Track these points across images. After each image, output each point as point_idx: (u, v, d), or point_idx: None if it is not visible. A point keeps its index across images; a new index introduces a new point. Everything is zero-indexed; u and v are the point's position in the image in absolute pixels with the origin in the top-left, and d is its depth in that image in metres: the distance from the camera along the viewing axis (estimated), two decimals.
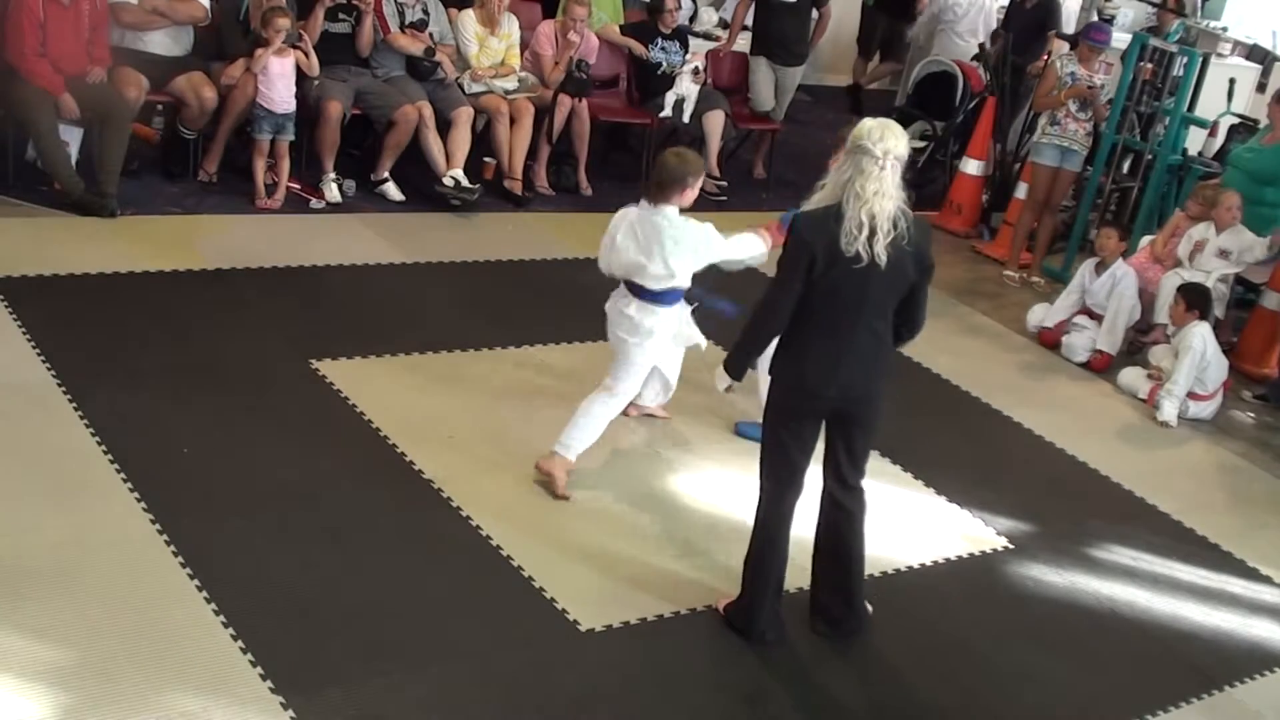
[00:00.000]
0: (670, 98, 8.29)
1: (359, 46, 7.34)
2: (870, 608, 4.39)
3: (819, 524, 4.24)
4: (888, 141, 3.75)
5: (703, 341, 5.13)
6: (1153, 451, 6.32)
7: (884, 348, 4.00)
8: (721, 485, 5.11)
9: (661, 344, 4.93)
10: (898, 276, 3.83)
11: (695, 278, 4.87)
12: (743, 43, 9.32)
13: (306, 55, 6.96)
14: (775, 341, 4.08)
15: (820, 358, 3.92)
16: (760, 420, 5.11)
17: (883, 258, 3.75)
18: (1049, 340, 7.19)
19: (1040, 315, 7.30)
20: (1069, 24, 10.27)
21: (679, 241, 4.69)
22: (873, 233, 3.74)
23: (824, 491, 4.20)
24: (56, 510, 4.17)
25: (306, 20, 7.09)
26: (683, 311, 4.97)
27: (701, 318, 5.13)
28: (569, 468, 4.83)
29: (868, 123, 3.85)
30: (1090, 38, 8.21)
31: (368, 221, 7.09)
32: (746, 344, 4.09)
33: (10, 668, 3.46)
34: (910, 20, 11.30)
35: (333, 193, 7.17)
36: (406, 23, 7.47)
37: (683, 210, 4.74)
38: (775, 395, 4.08)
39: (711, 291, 5.21)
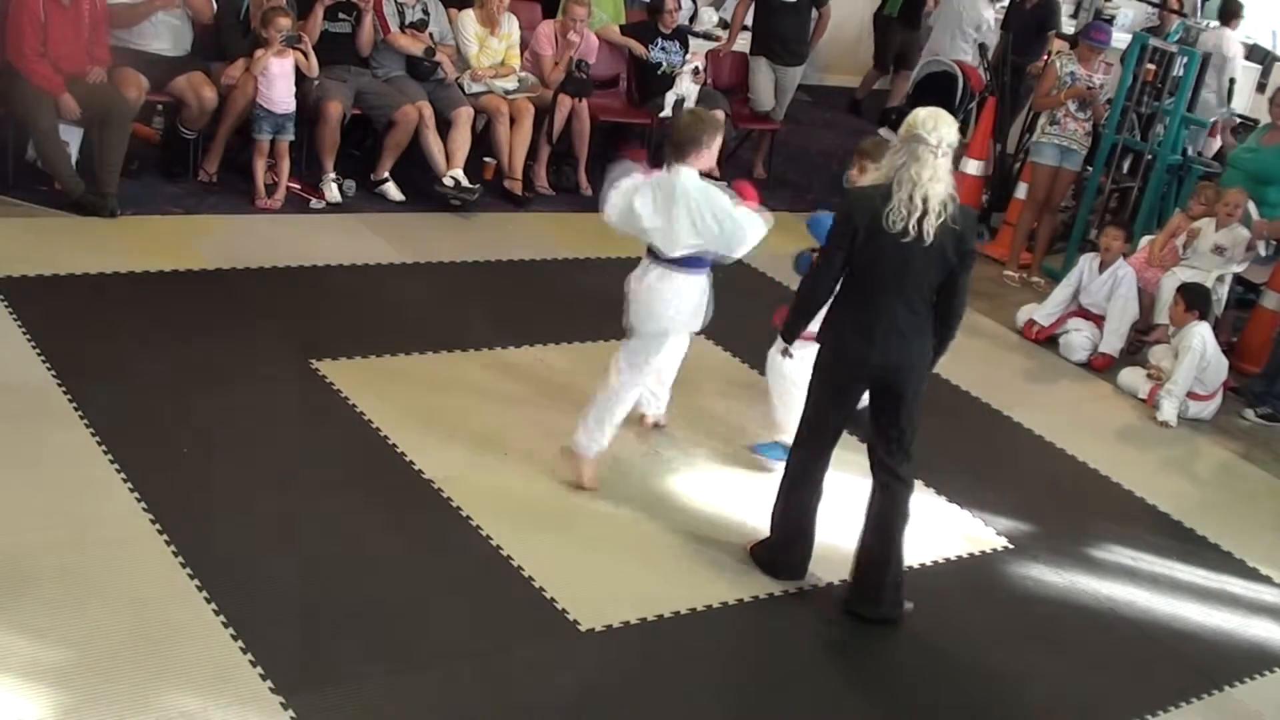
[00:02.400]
0: (670, 98, 8.28)
1: (359, 46, 7.35)
2: (910, 605, 4.44)
3: (867, 515, 4.39)
4: (941, 130, 4.03)
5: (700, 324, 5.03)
6: (1153, 451, 6.32)
7: (922, 324, 4.21)
8: (721, 486, 5.11)
9: (684, 318, 4.85)
10: (938, 256, 4.07)
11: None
12: (743, 43, 9.32)
13: (306, 56, 6.96)
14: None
15: (858, 326, 4.19)
16: (774, 440, 5.18)
17: (929, 237, 4.00)
18: (1038, 336, 7.19)
19: (1028, 312, 7.33)
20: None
21: (697, 204, 4.63)
22: (924, 213, 3.99)
23: (873, 483, 4.38)
24: (56, 510, 4.17)
25: (306, 20, 7.09)
26: (705, 287, 4.87)
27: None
28: (592, 461, 4.88)
29: (920, 113, 4.09)
30: (1090, 37, 8.21)
31: (368, 221, 7.09)
32: (798, 310, 4.36)
33: (10, 668, 3.46)
34: (918, 28, 11.23)
35: (333, 193, 7.17)
36: (406, 23, 7.47)
37: (705, 175, 4.71)
38: (820, 361, 4.33)
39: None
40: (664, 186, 4.67)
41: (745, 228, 4.70)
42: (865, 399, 4.39)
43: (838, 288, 4.25)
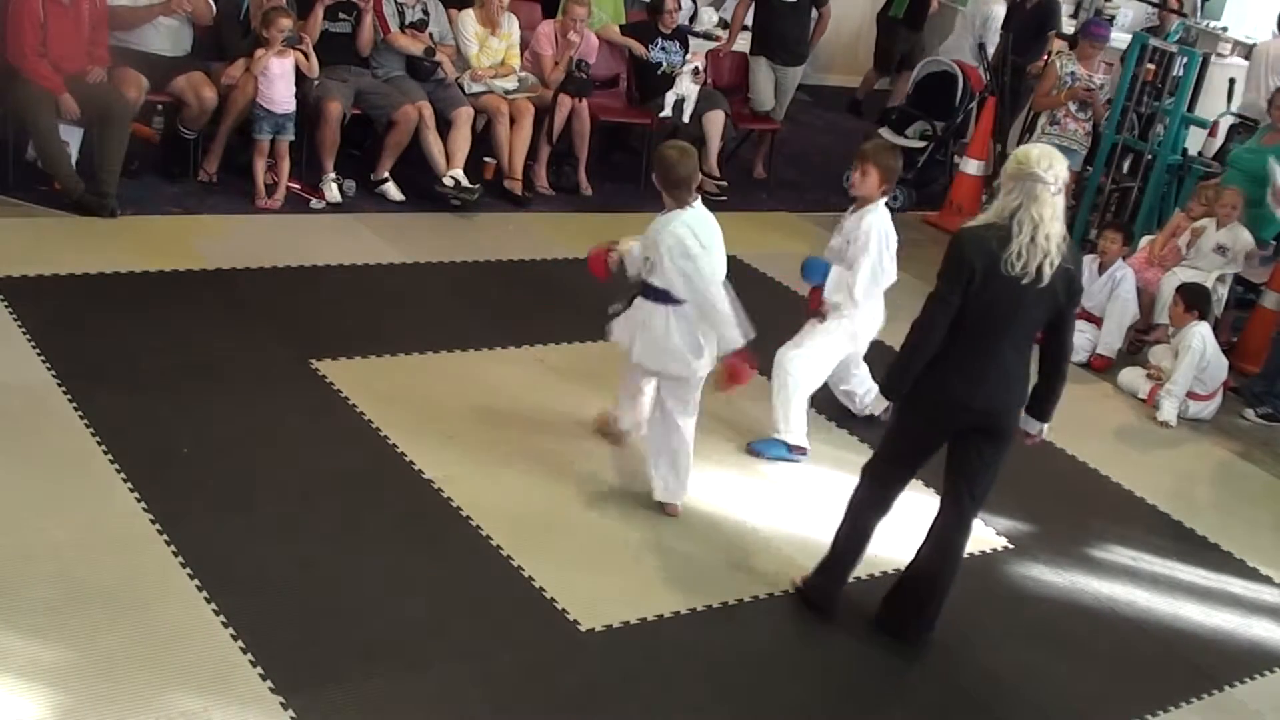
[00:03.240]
0: (670, 98, 8.29)
1: (359, 46, 7.35)
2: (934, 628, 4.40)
3: (926, 544, 4.31)
4: (1057, 167, 3.91)
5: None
6: (1153, 451, 6.32)
7: (1025, 365, 4.11)
8: (722, 486, 5.11)
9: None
10: (1050, 297, 3.95)
11: None
12: (743, 43, 9.32)
13: (306, 57, 6.96)
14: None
15: (969, 372, 4.02)
16: (771, 436, 5.16)
17: (1046, 279, 3.88)
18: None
19: None
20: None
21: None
22: (1047, 254, 3.87)
23: (939, 518, 4.28)
24: (56, 510, 4.17)
25: (306, 20, 7.09)
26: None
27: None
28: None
29: (1033, 152, 3.96)
30: (1090, 33, 8.20)
31: (368, 221, 7.09)
32: (906, 361, 4.09)
33: (10, 668, 3.47)
34: (922, 30, 11.21)
35: (333, 193, 7.17)
36: (406, 23, 7.48)
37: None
38: (916, 403, 4.13)
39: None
40: (702, 222, 4.61)
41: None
42: None
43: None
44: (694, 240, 4.52)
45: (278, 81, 6.83)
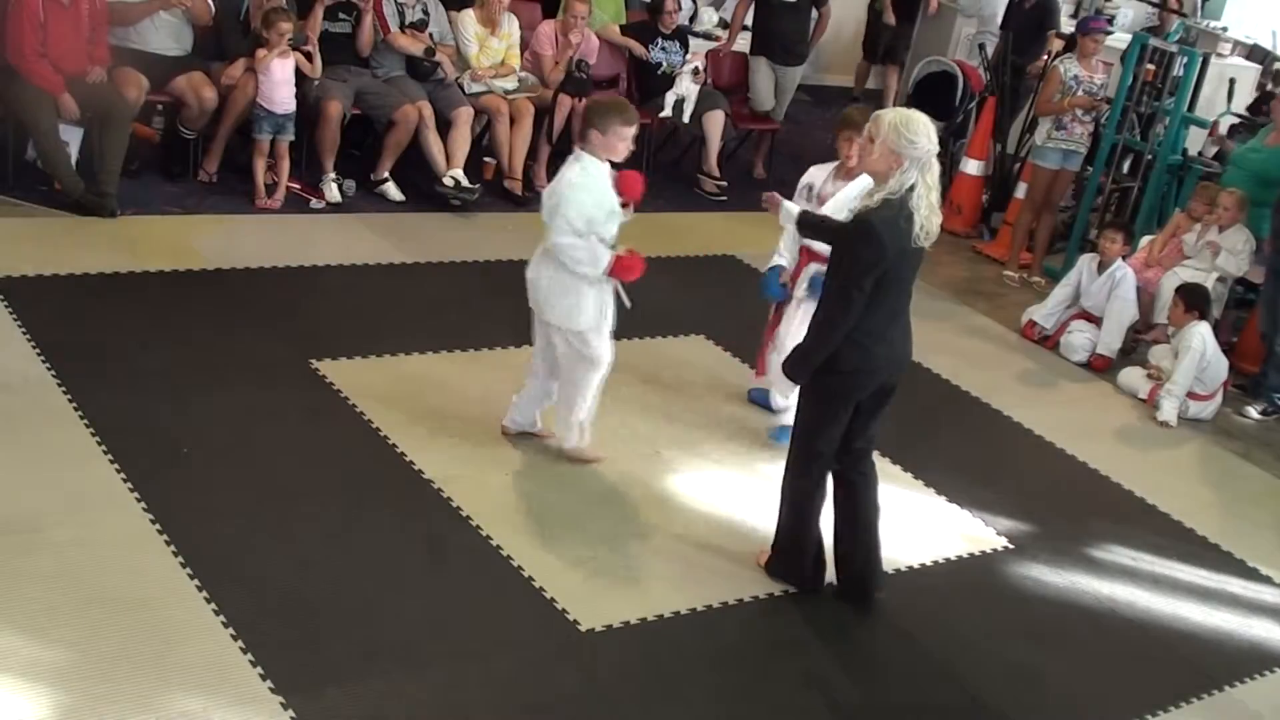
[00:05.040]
0: (670, 98, 8.29)
1: (359, 46, 7.35)
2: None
3: (844, 497, 4.42)
4: (932, 133, 4.04)
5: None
6: (1153, 451, 6.32)
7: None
8: (721, 484, 5.11)
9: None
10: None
11: None
12: (743, 43, 9.32)
13: (309, 57, 6.96)
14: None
15: (894, 339, 4.22)
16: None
17: (932, 241, 4.09)
18: (1040, 338, 7.19)
19: (1031, 313, 7.32)
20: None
21: (558, 192, 4.67)
22: (937, 214, 4.08)
23: (845, 466, 4.38)
24: (56, 510, 4.17)
25: (306, 20, 7.09)
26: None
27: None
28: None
29: (915, 124, 4.00)
30: (1089, 28, 8.19)
31: (368, 221, 7.09)
32: (820, 346, 4.17)
33: (10, 668, 3.47)
34: (913, 21, 11.24)
35: (333, 193, 7.17)
36: (406, 23, 7.48)
37: (615, 166, 4.72)
38: (839, 382, 4.21)
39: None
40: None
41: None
42: None
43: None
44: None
45: (278, 82, 6.83)
